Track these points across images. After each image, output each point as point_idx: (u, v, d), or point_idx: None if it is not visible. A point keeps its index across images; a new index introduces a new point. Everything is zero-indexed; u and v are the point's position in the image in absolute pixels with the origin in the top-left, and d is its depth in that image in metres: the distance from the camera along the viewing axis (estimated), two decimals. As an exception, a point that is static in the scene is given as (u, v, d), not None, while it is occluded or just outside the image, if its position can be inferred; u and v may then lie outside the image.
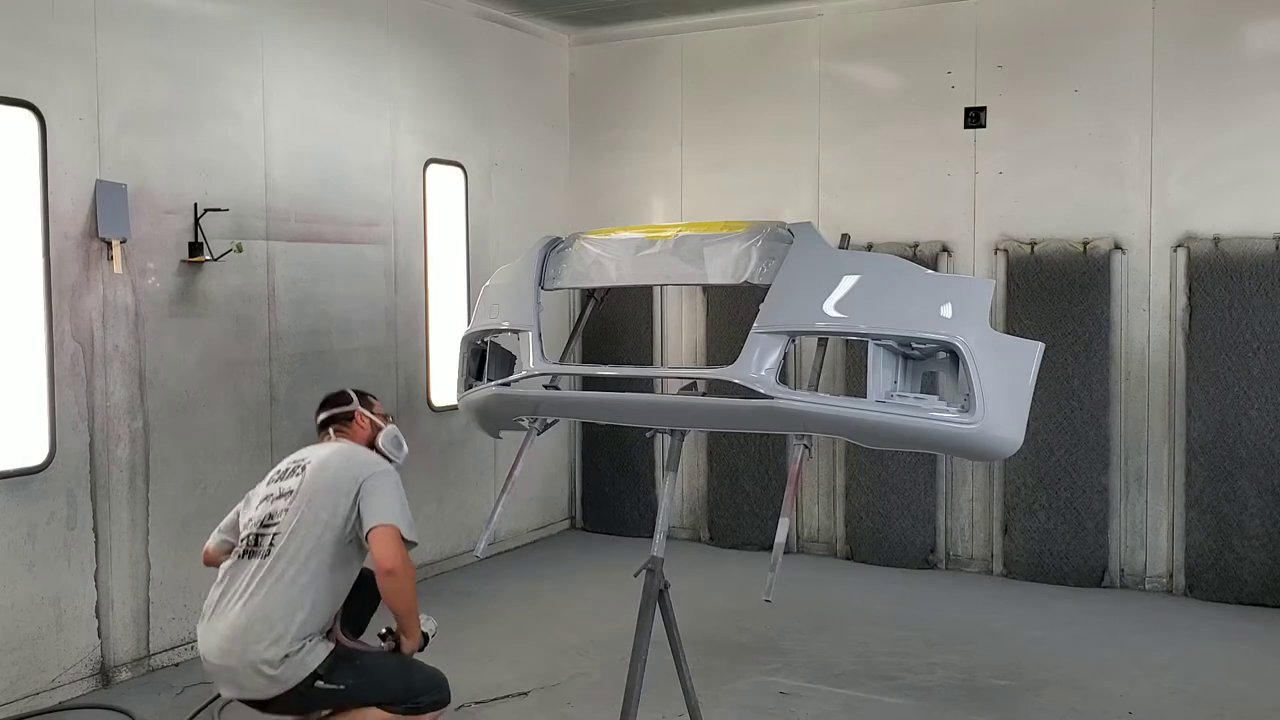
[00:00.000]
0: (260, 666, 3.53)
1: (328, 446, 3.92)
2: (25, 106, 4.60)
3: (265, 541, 3.68)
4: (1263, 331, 6.03)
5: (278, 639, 3.53)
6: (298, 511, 3.67)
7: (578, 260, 4.35)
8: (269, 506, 3.76)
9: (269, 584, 3.59)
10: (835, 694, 4.78)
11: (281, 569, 3.60)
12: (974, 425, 3.59)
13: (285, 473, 3.84)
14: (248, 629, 3.56)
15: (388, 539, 3.63)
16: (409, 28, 6.59)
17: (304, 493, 3.69)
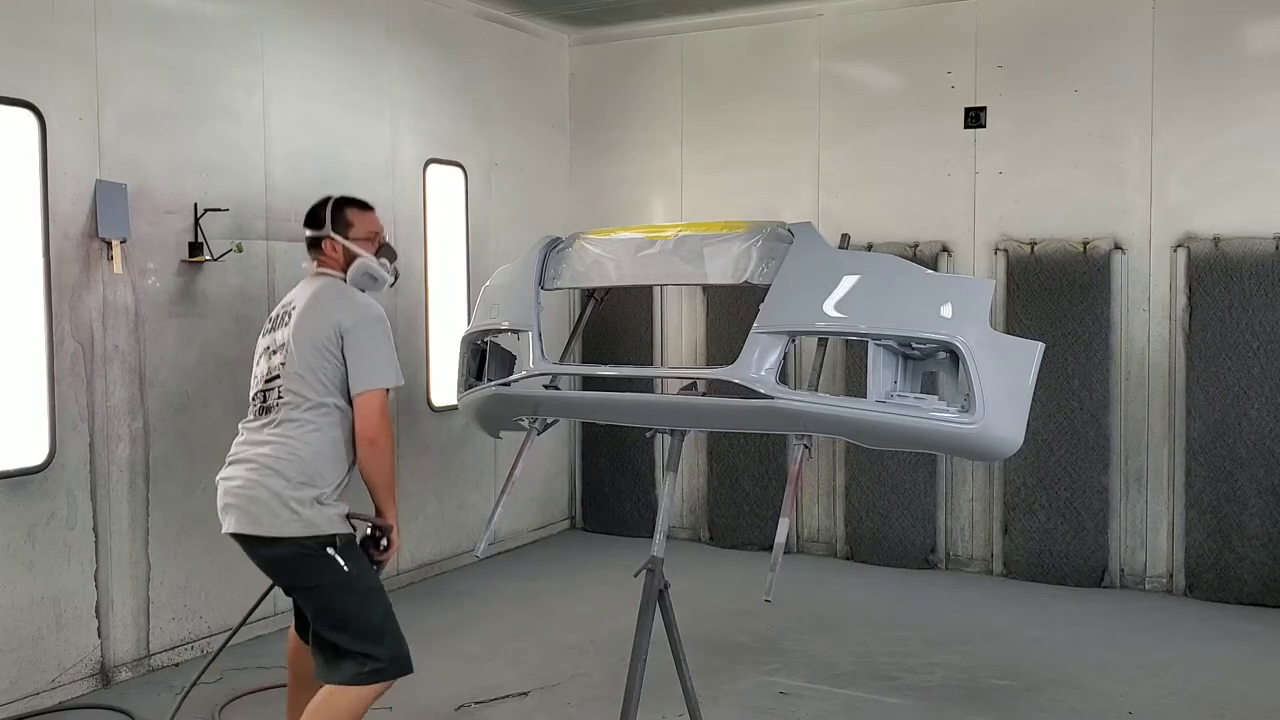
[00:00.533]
0: (288, 500, 3.42)
1: (310, 286, 3.70)
2: (25, 106, 4.60)
3: (272, 398, 3.55)
4: (1263, 331, 6.03)
5: (310, 479, 3.44)
6: (292, 366, 3.53)
7: (578, 260, 4.35)
8: (266, 363, 3.63)
9: (287, 438, 3.48)
10: (835, 694, 4.78)
11: (293, 428, 3.49)
12: (974, 425, 3.59)
13: (277, 320, 3.68)
14: (276, 463, 3.45)
15: (368, 405, 3.53)
16: (409, 28, 6.59)
17: (293, 346, 3.54)
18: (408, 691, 4.86)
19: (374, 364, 3.56)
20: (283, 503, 3.41)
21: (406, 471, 6.57)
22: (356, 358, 3.53)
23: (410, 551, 6.60)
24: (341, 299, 3.64)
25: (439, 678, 5.03)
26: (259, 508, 3.45)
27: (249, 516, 3.48)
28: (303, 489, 3.42)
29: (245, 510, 3.49)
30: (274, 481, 3.43)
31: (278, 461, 3.44)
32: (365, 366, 3.53)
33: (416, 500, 6.65)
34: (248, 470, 3.49)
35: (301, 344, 3.52)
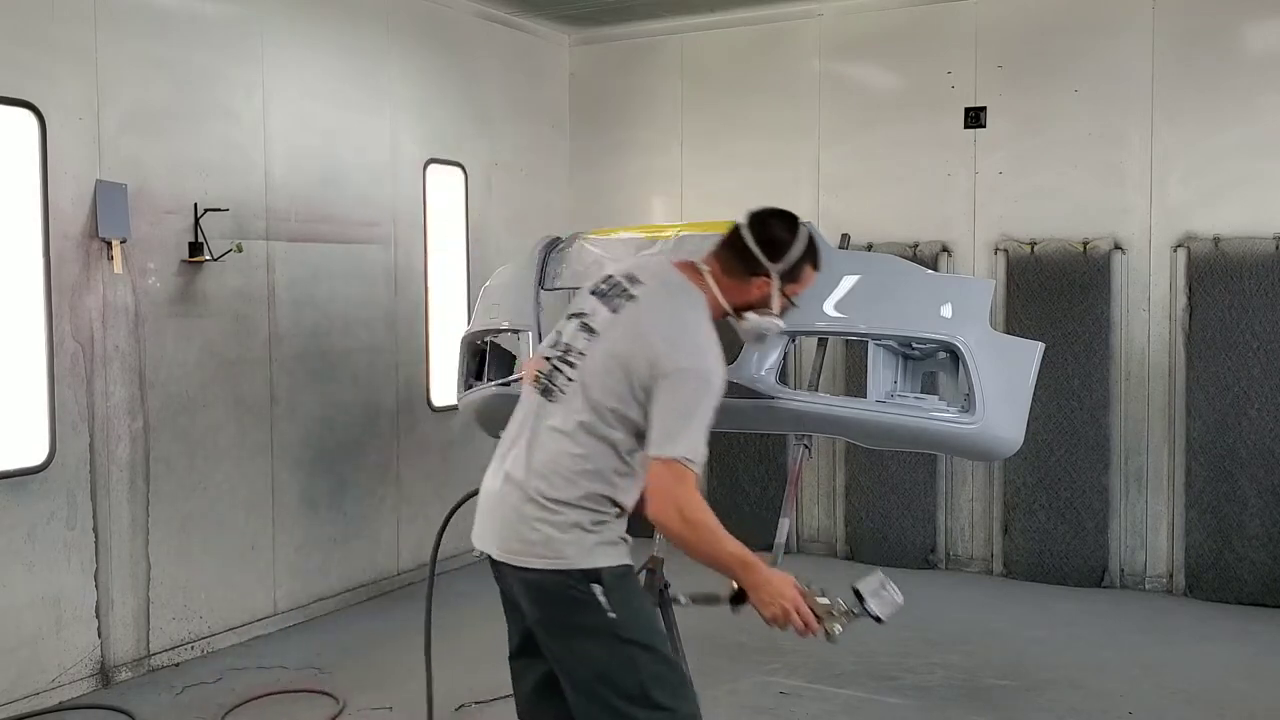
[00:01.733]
0: (541, 505, 2.67)
1: (670, 281, 2.84)
2: (25, 106, 4.60)
3: (558, 380, 2.78)
4: (1263, 331, 6.03)
5: (570, 481, 2.69)
6: (594, 361, 2.73)
7: (578, 260, 4.35)
8: (574, 334, 2.83)
9: (552, 431, 2.74)
10: (835, 694, 4.78)
11: (563, 420, 2.73)
12: (974, 425, 3.59)
13: (611, 290, 2.85)
14: (539, 462, 2.72)
15: (660, 480, 2.65)
16: (409, 28, 6.59)
17: (608, 338, 2.74)
18: (408, 691, 4.86)
19: (674, 427, 2.64)
20: (535, 504, 2.72)
21: (406, 472, 6.58)
22: (661, 407, 2.65)
23: (410, 551, 6.60)
24: (695, 333, 2.74)
25: (439, 677, 5.02)
26: (506, 525, 2.77)
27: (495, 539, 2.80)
28: (565, 489, 2.72)
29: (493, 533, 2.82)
30: (531, 485, 2.74)
31: (541, 465, 2.74)
32: (665, 424, 2.64)
33: (416, 500, 6.65)
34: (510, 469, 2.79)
35: (617, 341, 2.74)
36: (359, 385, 6.23)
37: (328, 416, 6.03)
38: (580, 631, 2.69)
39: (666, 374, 2.64)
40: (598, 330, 2.77)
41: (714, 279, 2.87)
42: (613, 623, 2.68)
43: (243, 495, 5.54)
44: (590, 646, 2.69)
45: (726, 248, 2.90)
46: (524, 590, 2.74)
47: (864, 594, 2.69)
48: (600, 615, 2.66)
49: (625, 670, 2.68)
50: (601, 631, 2.67)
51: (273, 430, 5.69)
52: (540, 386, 2.82)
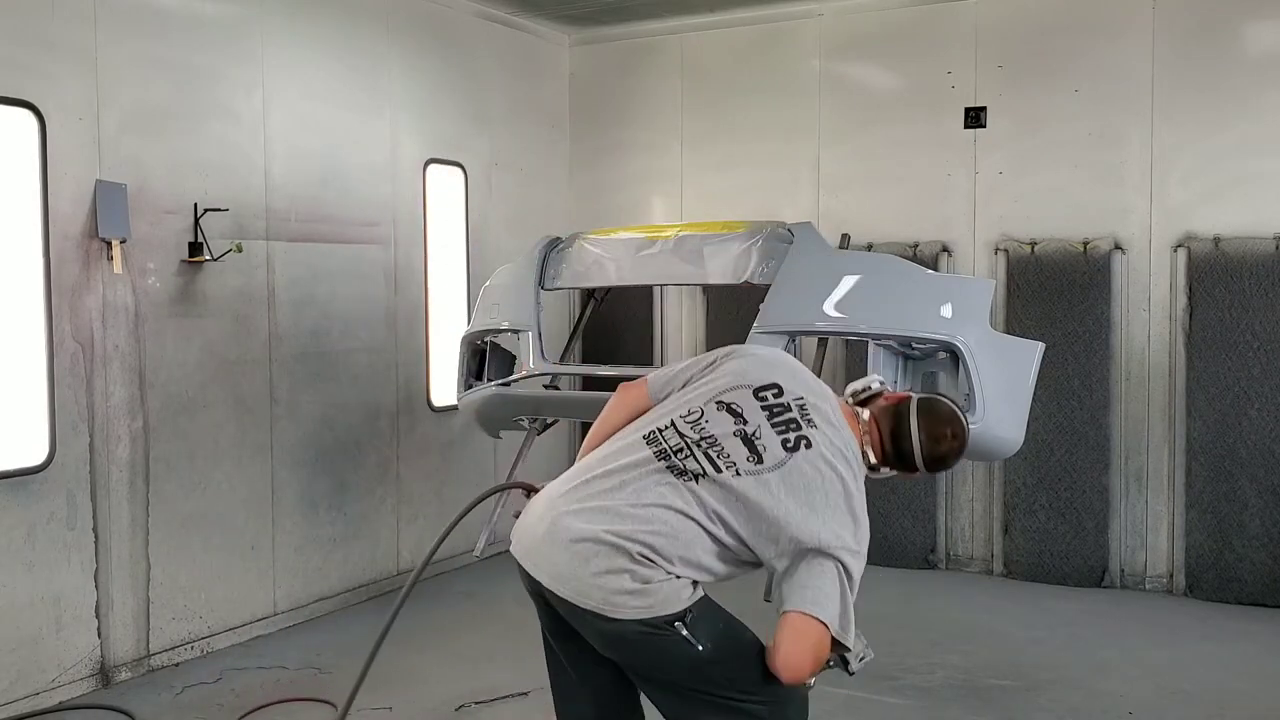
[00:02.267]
0: (634, 560, 2.56)
1: (839, 434, 2.73)
2: (25, 106, 4.60)
3: (690, 465, 2.65)
4: (1263, 331, 6.03)
5: (666, 551, 2.60)
6: (745, 485, 2.62)
7: (578, 260, 4.36)
8: (731, 442, 2.67)
9: (668, 511, 2.62)
10: (835, 694, 4.77)
11: (697, 508, 2.63)
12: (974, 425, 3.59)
13: (778, 409, 2.72)
14: (637, 519, 2.61)
15: (805, 638, 2.56)
16: (409, 28, 6.59)
17: (772, 490, 2.62)
18: (408, 691, 4.86)
19: (833, 591, 2.57)
20: (619, 555, 2.62)
21: (406, 472, 6.58)
22: (816, 570, 2.58)
23: (410, 551, 6.60)
24: (857, 482, 2.70)
25: (439, 678, 5.03)
26: (581, 570, 2.65)
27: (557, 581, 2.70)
28: (649, 542, 2.62)
29: (557, 576, 2.70)
30: (616, 531, 2.63)
31: (626, 519, 2.64)
32: (821, 586, 2.57)
33: (416, 500, 6.65)
34: (588, 511, 2.69)
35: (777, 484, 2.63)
36: (359, 385, 6.23)
37: (328, 416, 6.03)
38: (669, 670, 2.67)
39: (830, 552, 2.58)
40: (764, 460, 2.64)
41: (871, 445, 2.81)
42: (701, 655, 2.63)
43: (243, 495, 5.54)
44: (681, 676, 2.67)
45: (892, 432, 2.82)
46: (596, 635, 2.69)
47: (844, 654, 2.71)
48: (688, 649, 2.61)
49: (722, 685, 2.68)
50: (691, 662, 2.63)
51: (273, 430, 5.69)
52: (659, 451, 2.69)
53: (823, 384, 2.88)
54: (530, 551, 2.75)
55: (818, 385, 2.86)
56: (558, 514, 2.69)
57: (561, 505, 2.71)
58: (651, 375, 2.98)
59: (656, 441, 2.72)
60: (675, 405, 2.81)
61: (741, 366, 2.84)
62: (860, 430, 2.81)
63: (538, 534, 2.73)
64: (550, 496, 2.78)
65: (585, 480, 2.74)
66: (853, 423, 2.81)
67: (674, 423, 2.74)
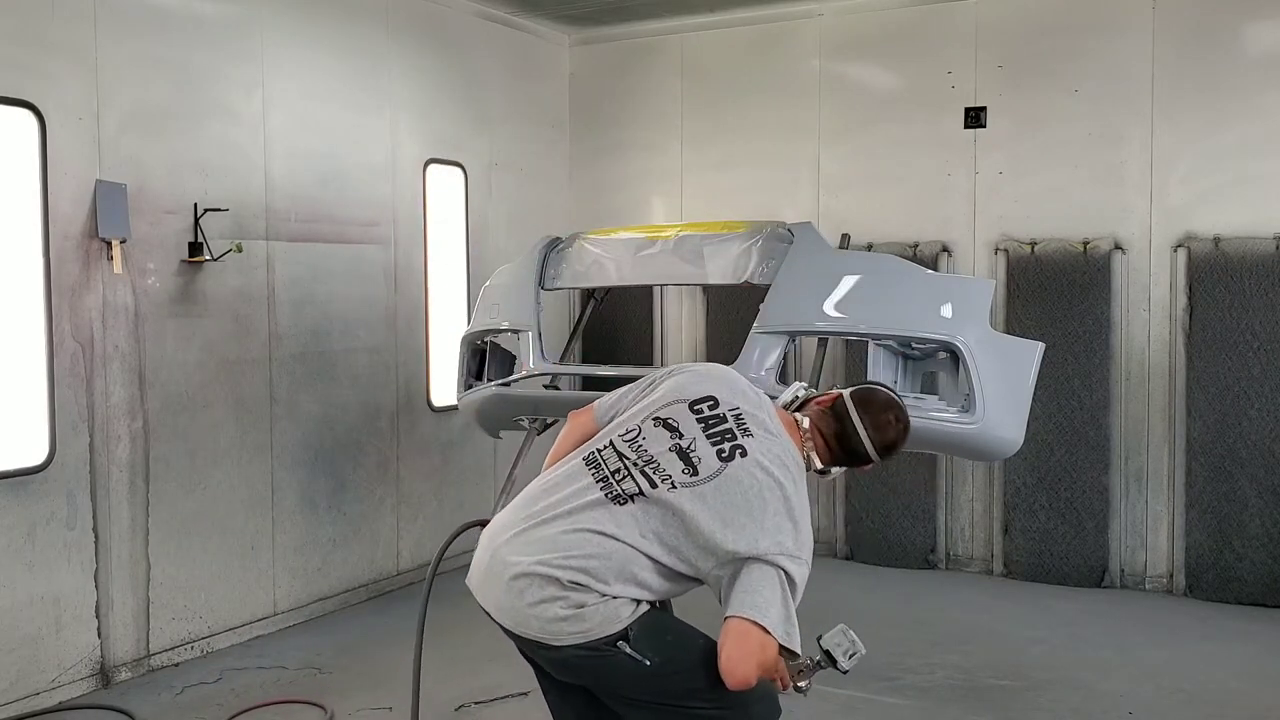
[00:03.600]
0: (565, 588, 2.60)
1: (775, 442, 2.77)
2: (25, 106, 4.60)
3: (626, 486, 2.68)
4: (1263, 331, 6.03)
5: (600, 573, 2.62)
6: (682, 500, 2.65)
7: (578, 260, 4.36)
8: (662, 449, 2.71)
9: (611, 532, 2.65)
10: (835, 694, 4.78)
11: (631, 529, 2.65)
12: (974, 425, 3.60)
13: (714, 421, 2.76)
14: (567, 546, 2.64)
15: (746, 644, 2.53)
16: (409, 28, 6.59)
17: (710, 500, 2.65)
18: (407, 691, 4.86)
19: (774, 597, 2.60)
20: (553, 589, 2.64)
21: (406, 472, 6.58)
22: (758, 573, 2.59)
23: (410, 551, 6.60)
24: (800, 487, 2.73)
25: (439, 678, 5.02)
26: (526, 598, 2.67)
27: (504, 611, 2.73)
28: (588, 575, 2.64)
29: (503, 605, 2.72)
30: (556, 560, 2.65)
31: (571, 546, 2.65)
32: (761, 589, 2.59)
33: (416, 500, 6.65)
34: (528, 545, 2.69)
35: (721, 493, 2.66)
36: (359, 385, 6.23)
37: (327, 416, 6.03)
38: (625, 687, 2.70)
39: (770, 560, 2.61)
40: (699, 472, 2.67)
41: (815, 450, 2.88)
42: (651, 669, 2.65)
43: (242, 495, 5.54)
44: (636, 691, 2.70)
45: (837, 434, 2.89)
46: (547, 662, 2.76)
47: (831, 652, 2.83)
48: (636, 665, 2.64)
49: (682, 694, 2.70)
50: (643, 678, 2.66)
51: (272, 430, 5.69)
52: (597, 475, 2.72)
53: (761, 394, 2.92)
54: (479, 586, 2.80)
55: (755, 395, 2.90)
56: (496, 547, 2.74)
57: (500, 538, 2.75)
58: (598, 401, 3.02)
59: (595, 464, 2.76)
60: (615, 426, 2.86)
61: (678, 382, 2.88)
62: (801, 437, 2.87)
63: (481, 567, 2.79)
64: (493, 530, 2.81)
65: (525, 513, 2.76)
66: (792, 430, 2.86)
67: (613, 443, 2.79)
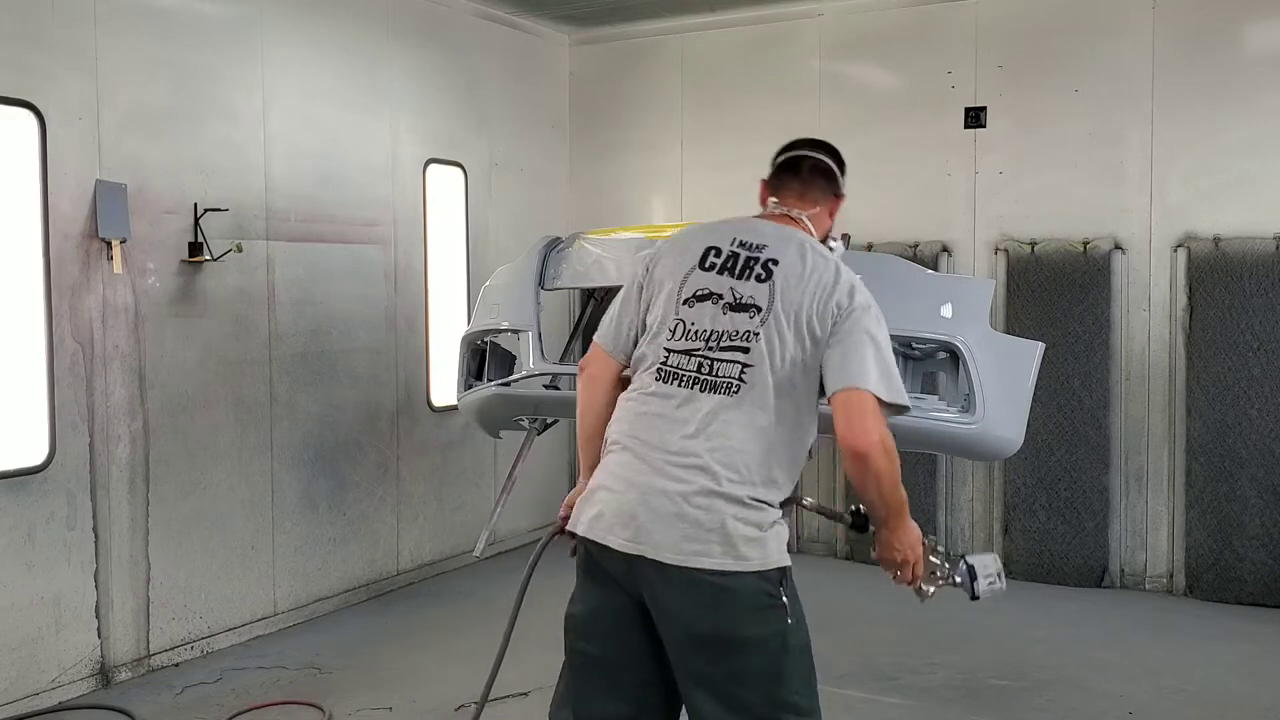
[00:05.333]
0: (744, 504, 2.51)
1: (788, 236, 2.76)
2: (25, 106, 4.60)
3: (725, 371, 2.60)
4: (1263, 331, 6.03)
5: (767, 478, 2.57)
6: (771, 336, 2.59)
7: (578, 260, 4.36)
8: (725, 319, 2.63)
9: (739, 426, 2.56)
10: (835, 694, 4.77)
11: (750, 414, 2.57)
12: (974, 425, 3.60)
13: (736, 264, 2.70)
14: (728, 456, 2.54)
15: (860, 409, 2.51)
16: (409, 28, 6.59)
17: (777, 309, 2.61)
18: (408, 691, 4.86)
19: (870, 360, 2.58)
20: (726, 511, 2.53)
21: (406, 472, 6.58)
22: (851, 344, 2.58)
23: (410, 551, 6.60)
24: (845, 268, 2.72)
25: (439, 678, 5.03)
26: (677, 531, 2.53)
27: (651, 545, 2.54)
28: (746, 486, 2.56)
29: (652, 532, 2.54)
30: (718, 485, 2.54)
31: (718, 463, 2.55)
32: (860, 359, 2.57)
33: (416, 500, 6.65)
34: (673, 468, 2.56)
35: (789, 305, 2.62)
36: (359, 385, 6.23)
37: (328, 416, 6.03)
38: (753, 642, 2.54)
39: (850, 312, 2.59)
40: (761, 306, 2.61)
41: (810, 220, 2.87)
42: (789, 629, 2.57)
43: (242, 495, 5.54)
44: (758, 658, 2.55)
45: (814, 182, 2.93)
46: (695, 597, 2.52)
47: (977, 572, 2.85)
48: (781, 620, 2.55)
49: (786, 678, 2.62)
50: (776, 639, 2.56)
51: (272, 430, 5.69)
52: (689, 378, 2.61)
53: (747, 218, 2.89)
54: (620, 526, 2.58)
55: (744, 222, 2.86)
56: (640, 483, 2.58)
57: (640, 477, 2.59)
58: (598, 339, 2.86)
59: (678, 377, 2.64)
60: (650, 341, 2.72)
61: (668, 265, 2.78)
62: (805, 223, 2.85)
63: (627, 508, 2.58)
64: (622, 474, 2.62)
65: (653, 449, 2.60)
66: (789, 222, 2.85)
67: (668, 350, 2.67)
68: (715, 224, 2.86)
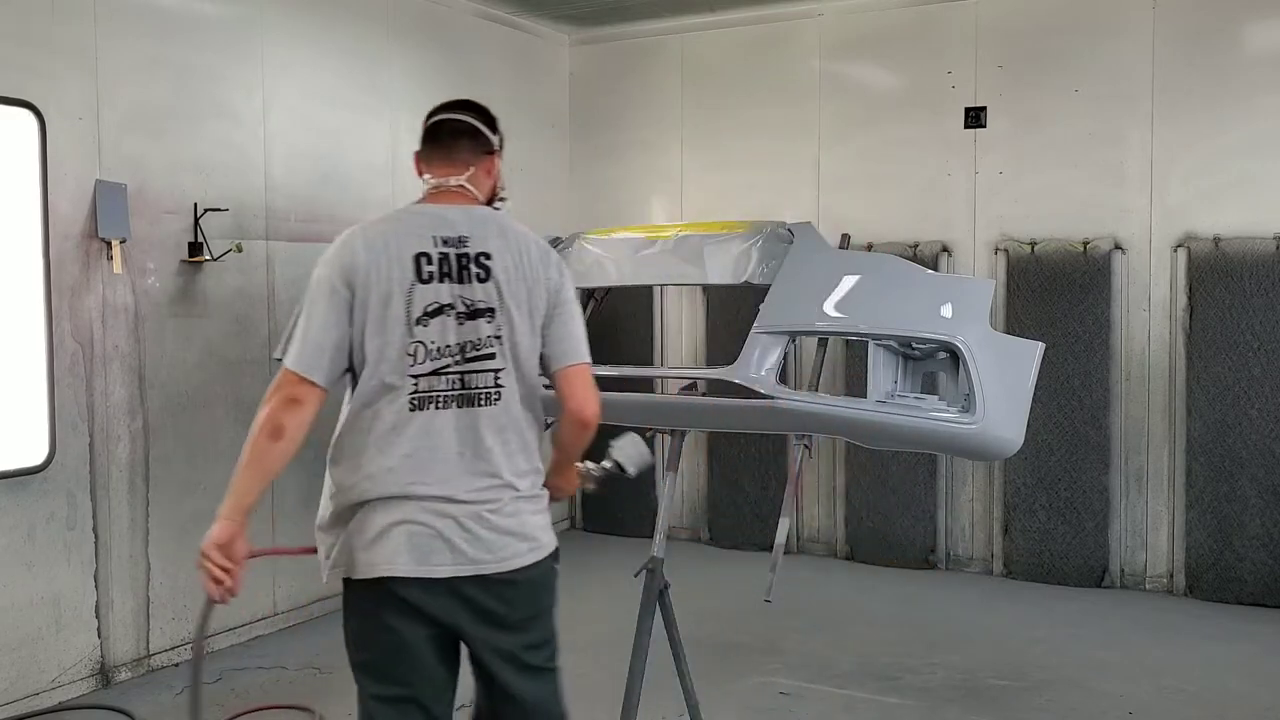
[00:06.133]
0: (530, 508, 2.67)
1: (480, 219, 2.81)
2: (25, 106, 4.60)
3: (480, 381, 2.63)
4: (1263, 331, 6.03)
5: (534, 468, 2.72)
6: (509, 334, 2.66)
7: (578, 260, 4.36)
8: (465, 329, 2.62)
9: (509, 430, 2.67)
10: (835, 694, 4.78)
11: (512, 414, 2.67)
12: (974, 425, 3.60)
13: (452, 268, 2.66)
14: (497, 468, 2.63)
15: (585, 382, 2.73)
16: (409, 28, 6.59)
17: (507, 306, 2.67)
18: (408, 691, 4.85)
19: (582, 332, 2.81)
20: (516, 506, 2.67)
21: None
22: (567, 321, 2.75)
23: (410, 551, 6.59)
24: (540, 241, 2.88)
25: (439, 678, 5.02)
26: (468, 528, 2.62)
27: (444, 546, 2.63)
28: (531, 479, 2.72)
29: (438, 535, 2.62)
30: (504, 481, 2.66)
31: (502, 469, 2.66)
32: (577, 333, 2.77)
33: (416, 500, 6.64)
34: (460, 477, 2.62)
35: (516, 298, 2.69)
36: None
37: (328, 416, 6.01)
38: (544, 610, 2.77)
39: (560, 288, 2.77)
40: (490, 305, 2.64)
41: (470, 184, 2.88)
42: (557, 590, 2.82)
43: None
44: (547, 621, 2.78)
45: (458, 144, 2.86)
46: (505, 594, 2.65)
47: (615, 454, 3.21)
48: (556, 584, 2.80)
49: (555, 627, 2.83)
50: (554, 601, 2.80)
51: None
52: (446, 398, 2.62)
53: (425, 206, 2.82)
54: (418, 559, 2.66)
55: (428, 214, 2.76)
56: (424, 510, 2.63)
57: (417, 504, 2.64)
58: (293, 364, 2.84)
59: (432, 400, 2.62)
60: (392, 373, 2.68)
61: (381, 279, 2.63)
62: (477, 195, 2.91)
63: (419, 536, 2.64)
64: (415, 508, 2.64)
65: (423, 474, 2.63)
66: (466, 194, 2.87)
67: (416, 379, 2.64)
68: (403, 221, 2.74)
